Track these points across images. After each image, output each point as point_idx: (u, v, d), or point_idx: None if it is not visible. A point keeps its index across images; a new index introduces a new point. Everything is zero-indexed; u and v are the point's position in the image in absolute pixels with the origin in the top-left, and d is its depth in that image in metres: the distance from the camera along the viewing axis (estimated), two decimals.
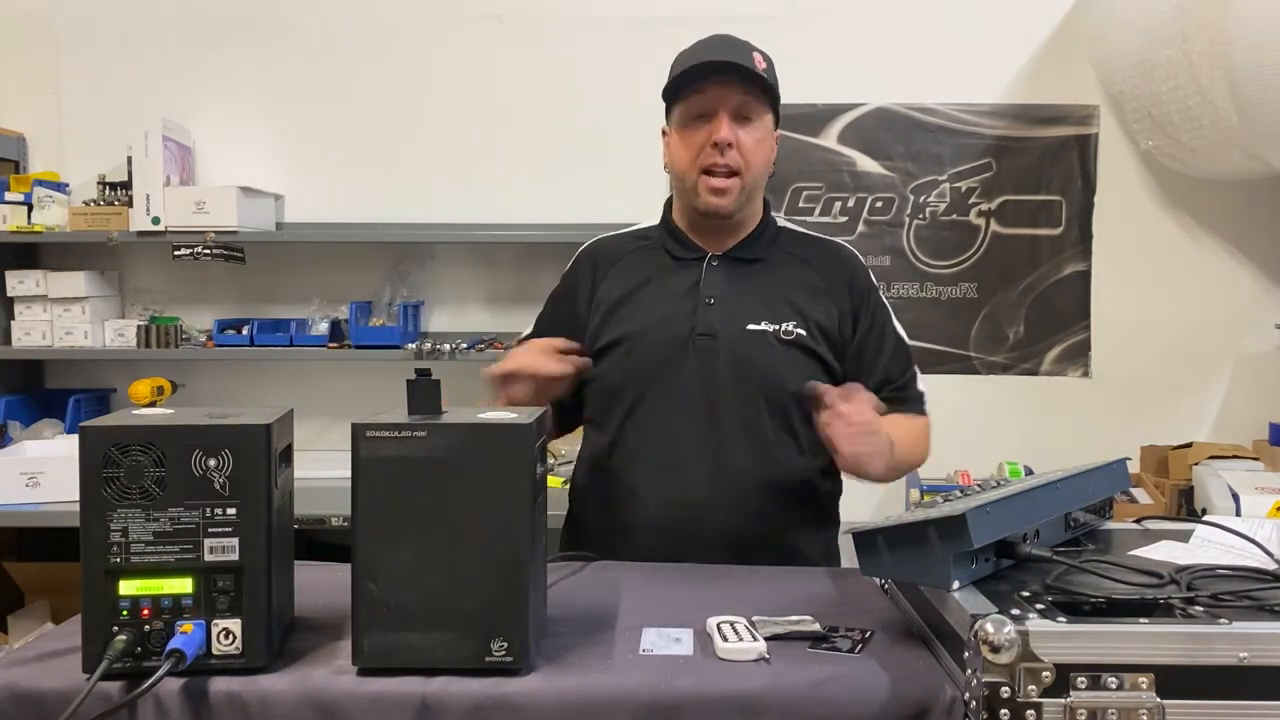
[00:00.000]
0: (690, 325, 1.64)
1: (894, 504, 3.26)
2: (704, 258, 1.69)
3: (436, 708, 1.00)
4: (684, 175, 1.65)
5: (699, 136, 1.61)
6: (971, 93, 3.29)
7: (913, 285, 3.35)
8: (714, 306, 1.65)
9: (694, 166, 1.62)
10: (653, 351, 1.64)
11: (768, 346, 1.63)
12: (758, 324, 1.64)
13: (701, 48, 1.65)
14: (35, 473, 2.77)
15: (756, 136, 1.63)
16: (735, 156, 1.61)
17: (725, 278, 1.68)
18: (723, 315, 1.65)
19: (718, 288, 1.66)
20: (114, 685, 1.00)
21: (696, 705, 1.00)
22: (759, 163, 1.65)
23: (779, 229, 1.76)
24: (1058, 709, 0.92)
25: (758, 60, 1.62)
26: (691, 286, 1.67)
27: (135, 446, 1.02)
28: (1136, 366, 3.31)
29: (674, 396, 1.63)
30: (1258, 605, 1.00)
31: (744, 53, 1.62)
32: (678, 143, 1.65)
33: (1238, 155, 2.77)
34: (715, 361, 1.63)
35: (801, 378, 1.60)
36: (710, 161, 1.61)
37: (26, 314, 3.24)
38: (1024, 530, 1.16)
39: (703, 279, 1.67)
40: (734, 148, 1.60)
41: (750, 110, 1.62)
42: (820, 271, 1.71)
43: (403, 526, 1.04)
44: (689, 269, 1.69)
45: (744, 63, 1.59)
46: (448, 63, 3.33)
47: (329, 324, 3.24)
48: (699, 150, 1.61)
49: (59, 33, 3.37)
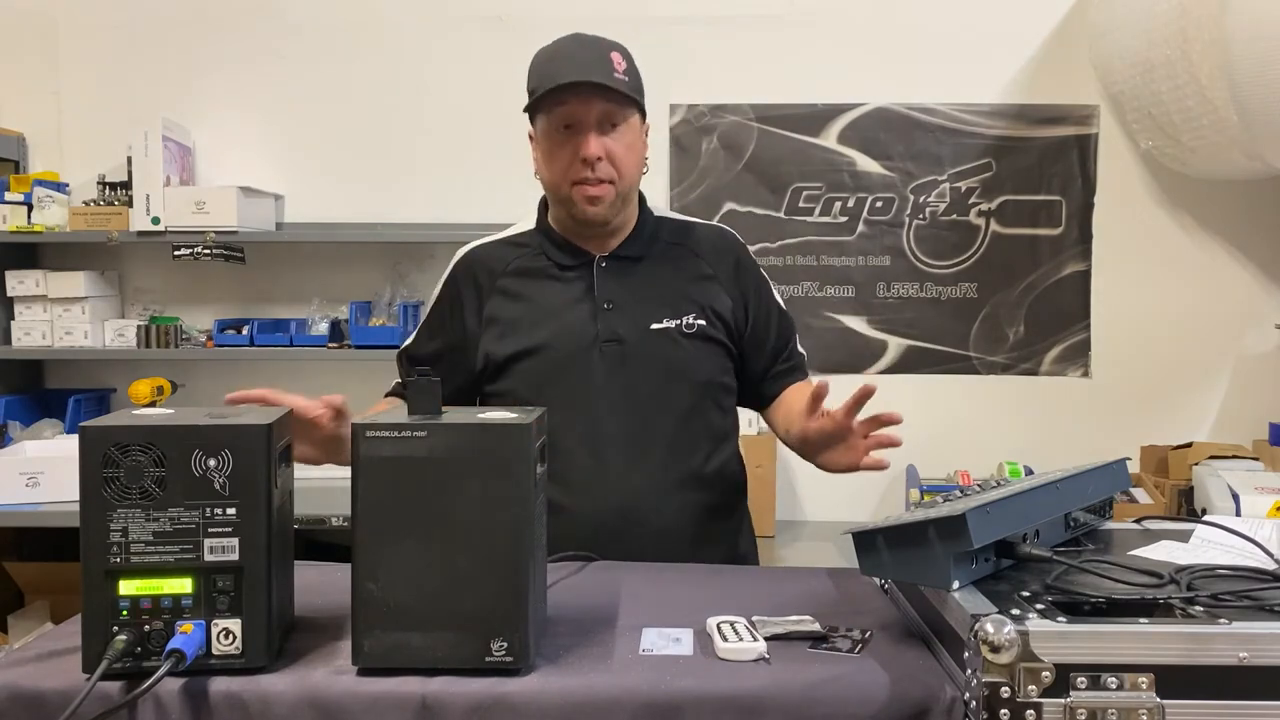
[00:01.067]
0: (594, 332, 1.64)
1: (894, 504, 3.26)
2: (591, 261, 1.68)
3: (436, 708, 0.99)
4: (556, 187, 1.64)
5: (565, 151, 1.59)
6: (971, 93, 3.30)
7: (913, 285, 3.35)
8: (613, 311, 1.65)
9: (564, 179, 1.61)
10: (561, 362, 1.63)
11: (673, 343, 1.65)
12: (660, 322, 1.65)
13: (557, 58, 1.61)
14: (35, 473, 2.77)
15: (625, 142, 1.61)
16: (606, 168, 1.59)
17: (617, 279, 1.67)
18: (624, 318, 1.65)
19: (612, 291, 1.66)
20: (114, 685, 1.00)
21: (696, 705, 1.00)
22: (631, 167, 1.63)
23: (658, 220, 1.75)
24: (1058, 709, 0.92)
25: (616, 62, 1.59)
26: (585, 292, 1.66)
27: (135, 446, 1.02)
28: (1136, 366, 3.31)
29: (589, 405, 1.62)
30: (1258, 605, 1.00)
31: (602, 61, 1.58)
32: (547, 154, 1.63)
33: (1238, 155, 2.77)
34: (625, 366, 1.63)
35: (709, 367, 1.66)
36: (581, 175, 1.59)
37: (26, 314, 3.24)
38: (1024, 530, 1.15)
39: (596, 284, 1.67)
40: (604, 159, 1.59)
41: (615, 117, 1.60)
42: (706, 258, 1.72)
43: (403, 526, 1.04)
44: (578, 274, 1.68)
45: (601, 75, 1.55)
46: (448, 63, 3.33)
47: (329, 324, 3.24)
48: (568, 164, 1.60)
49: (59, 33, 3.37)
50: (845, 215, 3.34)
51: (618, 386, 1.63)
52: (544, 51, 1.65)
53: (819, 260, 3.35)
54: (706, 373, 1.66)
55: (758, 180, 3.33)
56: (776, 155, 3.32)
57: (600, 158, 1.58)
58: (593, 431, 1.62)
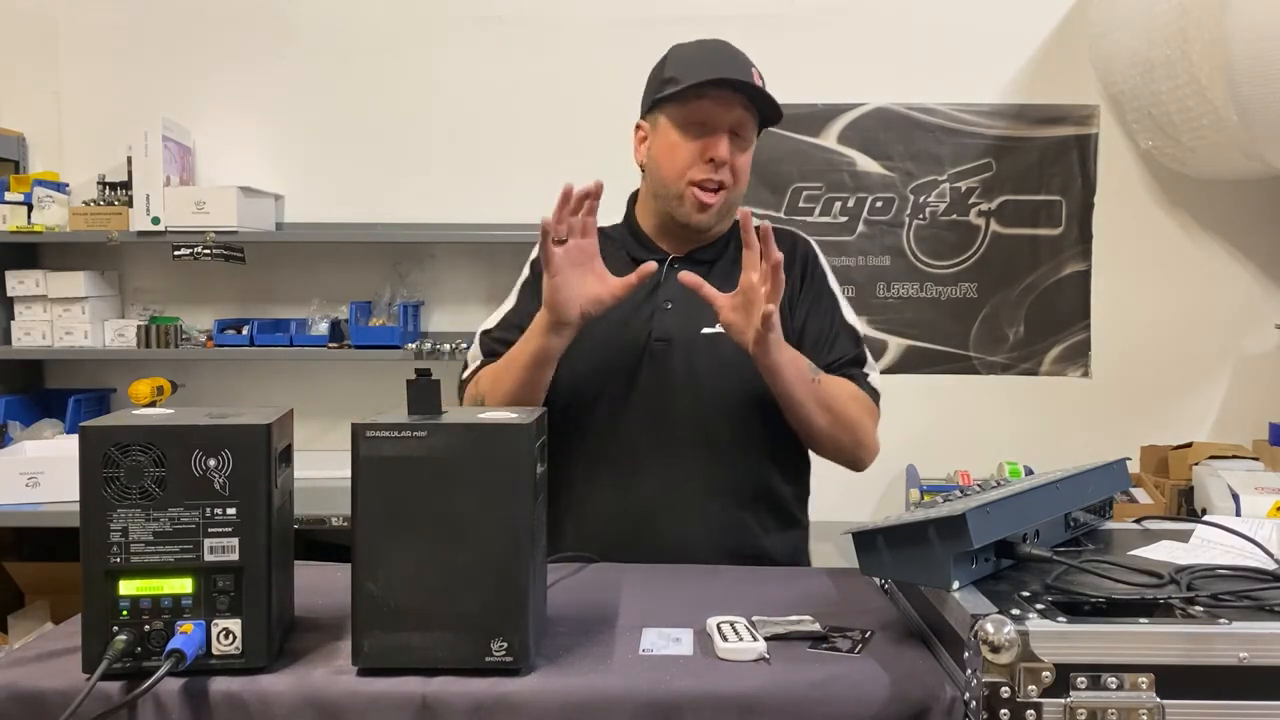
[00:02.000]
0: (647, 330, 1.63)
1: (894, 504, 3.26)
2: (665, 260, 1.67)
3: (436, 708, 0.99)
4: (670, 183, 1.62)
5: (694, 147, 1.59)
6: (971, 93, 3.30)
7: (913, 285, 3.35)
8: (671, 310, 1.64)
9: (683, 177, 1.60)
10: (609, 357, 1.62)
11: (722, 349, 1.60)
12: (713, 327, 1.60)
13: (707, 56, 1.61)
14: (35, 473, 2.77)
15: (746, 156, 1.62)
16: (726, 174, 1.59)
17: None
18: (679, 319, 1.63)
19: (675, 291, 1.62)
20: (114, 685, 1.00)
21: (696, 705, 1.00)
22: (744, 182, 1.64)
23: (735, 223, 1.71)
24: (1057, 709, 0.92)
25: (756, 77, 1.59)
26: (651, 290, 1.64)
27: (135, 446, 1.02)
28: (1136, 366, 3.31)
29: (629, 402, 1.61)
30: (1258, 605, 1.00)
31: (747, 68, 1.59)
32: (668, 147, 1.61)
33: (1238, 155, 2.77)
34: (670, 367, 1.61)
35: (757, 377, 1.56)
36: (703, 177, 1.59)
37: (26, 314, 3.24)
38: (1024, 530, 1.16)
39: (662, 282, 1.65)
40: (726, 165, 1.58)
41: (746, 128, 1.61)
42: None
43: (403, 526, 1.04)
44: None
45: (750, 81, 1.56)
46: (448, 63, 3.33)
47: (329, 324, 3.24)
48: (692, 162, 1.59)
49: (59, 33, 3.37)
50: (845, 215, 3.34)
51: (658, 386, 1.62)
52: (687, 47, 1.65)
53: None
54: (751, 381, 1.56)
55: (758, 180, 3.32)
56: (776, 155, 3.32)
57: (726, 161, 1.58)
58: (626, 428, 1.61)
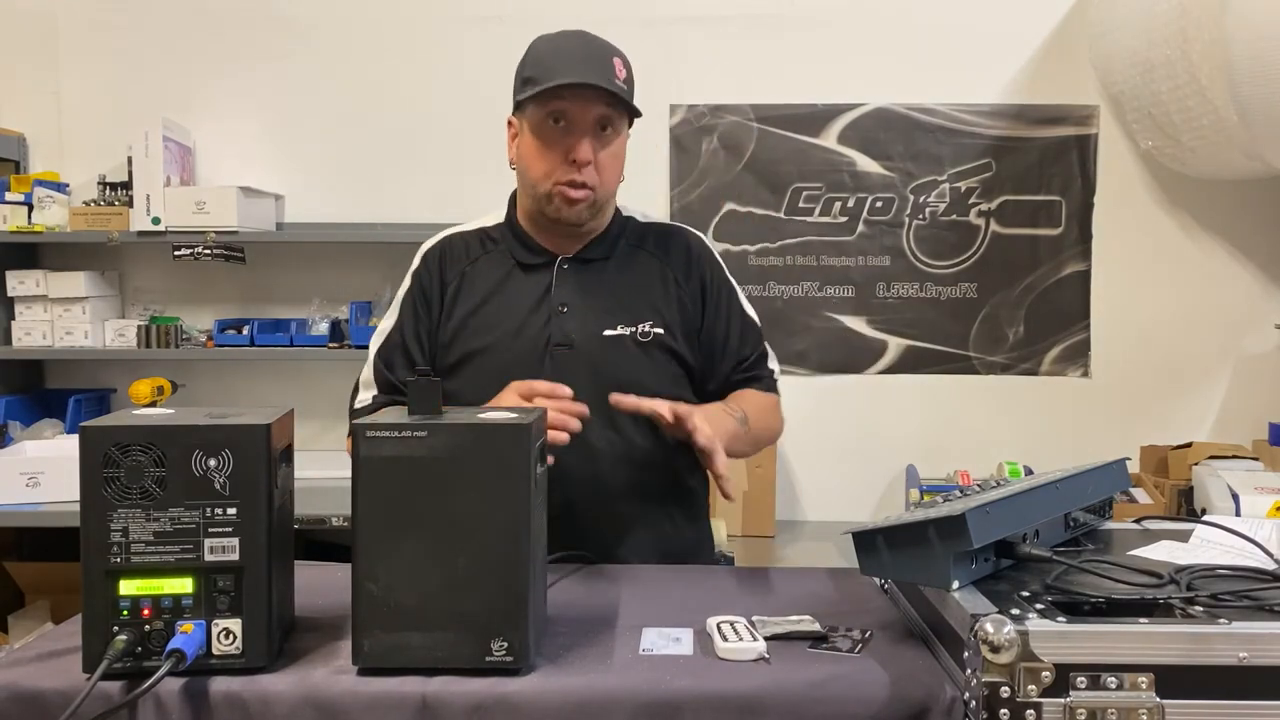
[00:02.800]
0: (545, 335, 1.61)
1: (894, 504, 3.27)
2: (553, 262, 1.65)
3: (436, 708, 1.00)
4: (537, 183, 1.61)
5: (555, 149, 1.57)
6: (971, 93, 3.30)
7: (913, 285, 3.35)
8: (567, 314, 1.62)
9: (549, 178, 1.58)
10: (508, 366, 1.57)
11: (626, 351, 1.60)
12: (614, 329, 1.61)
13: (561, 53, 1.59)
14: (35, 473, 2.77)
15: (613, 150, 1.60)
16: (591, 173, 1.58)
17: (576, 282, 1.64)
18: (577, 323, 1.61)
19: (568, 294, 1.62)
20: (114, 685, 1.00)
21: (696, 705, 1.00)
22: (613, 176, 1.62)
23: (624, 220, 1.72)
24: (1057, 709, 0.92)
25: (618, 68, 1.57)
26: (543, 294, 1.63)
27: (135, 446, 1.02)
28: (1136, 366, 3.31)
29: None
30: (1258, 605, 1.00)
31: (606, 64, 1.56)
32: (532, 148, 1.60)
33: (1238, 155, 2.77)
34: (575, 372, 1.57)
35: (661, 378, 1.60)
36: (568, 177, 1.57)
37: (27, 314, 3.24)
38: (1024, 530, 1.16)
39: (554, 285, 1.64)
40: (590, 164, 1.57)
41: (610, 122, 1.58)
42: (669, 262, 1.69)
43: (403, 526, 1.04)
44: (538, 274, 1.65)
45: (606, 80, 1.53)
46: (448, 63, 3.33)
47: (329, 324, 3.24)
48: (556, 163, 1.57)
49: (59, 33, 3.37)
50: (845, 215, 3.34)
51: None
52: (546, 42, 1.63)
53: (819, 260, 3.35)
54: (657, 382, 1.59)
55: (758, 180, 3.33)
56: (776, 155, 3.32)
57: (589, 162, 1.57)
58: None
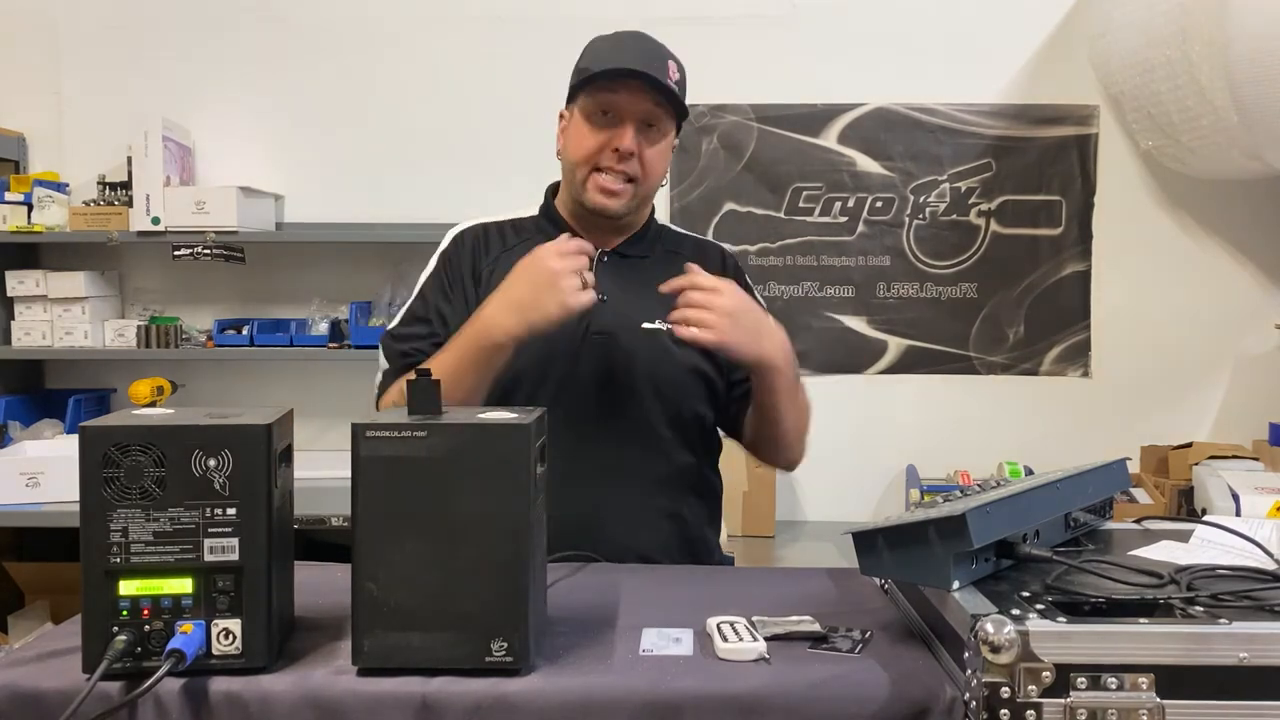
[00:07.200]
0: (585, 323, 1.62)
1: (894, 504, 3.27)
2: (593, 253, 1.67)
3: (436, 708, 0.99)
4: (575, 169, 1.63)
5: (600, 136, 1.60)
6: (971, 93, 3.30)
7: (913, 285, 3.35)
8: (608, 304, 1.64)
9: (587, 163, 1.61)
10: (546, 349, 1.59)
11: (662, 345, 1.62)
12: (652, 322, 1.63)
13: (618, 47, 1.63)
14: (35, 473, 2.77)
15: (658, 148, 1.62)
16: (634, 166, 1.60)
17: (616, 275, 1.67)
18: (618, 314, 1.64)
19: (609, 285, 1.64)
20: (114, 685, 1.00)
21: (696, 705, 1.00)
22: (656, 174, 1.65)
23: (660, 226, 1.77)
24: (1057, 709, 0.92)
25: (671, 70, 1.60)
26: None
27: (135, 446, 1.02)
28: (1136, 366, 3.31)
29: (568, 396, 1.60)
30: (1258, 605, 1.00)
31: (660, 61, 1.59)
32: (577, 134, 1.62)
33: (1238, 155, 2.77)
34: (611, 360, 1.61)
35: (692, 375, 1.63)
36: (607, 164, 1.60)
37: (26, 314, 3.24)
38: (1024, 530, 1.15)
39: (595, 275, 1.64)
40: (634, 157, 1.59)
41: (656, 120, 1.61)
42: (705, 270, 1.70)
43: (403, 526, 1.04)
44: None
45: (658, 74, 1.57)
46: (448, 63, 3.33)
47: (329, 324, 3.24)
48: (598, 150, 1.60)
49: (59, 32, 3.37)
50: (845, 215, 3.34)
51: (599, 379, 1.62)
52: (604, 38, 1.66)
53: (819, 260, 3.35)
54: (688, 379, 1.64)
55: (758, 180, 3.33)
56: (776, 155, 3.32)
57: (633, 154, 1.59)
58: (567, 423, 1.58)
